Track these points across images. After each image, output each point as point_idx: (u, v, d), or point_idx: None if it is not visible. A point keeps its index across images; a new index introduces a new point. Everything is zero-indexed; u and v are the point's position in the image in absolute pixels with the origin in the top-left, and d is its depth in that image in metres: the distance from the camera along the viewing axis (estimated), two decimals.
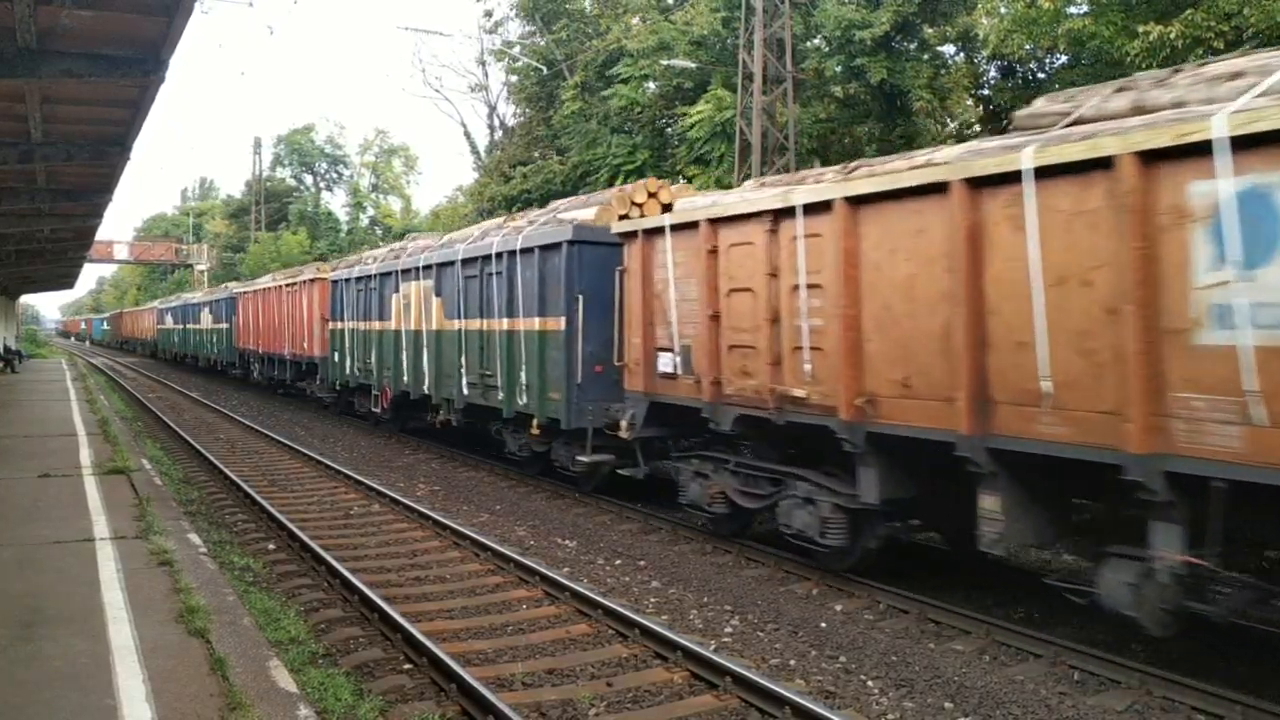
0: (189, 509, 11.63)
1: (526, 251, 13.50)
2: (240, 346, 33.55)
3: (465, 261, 15.42)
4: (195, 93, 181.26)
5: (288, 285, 27.08)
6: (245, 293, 33.41)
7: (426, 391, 16.94)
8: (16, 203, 17.78)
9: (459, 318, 15.56)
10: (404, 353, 17.82)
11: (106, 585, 7.28)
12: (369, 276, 20.07)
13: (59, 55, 9.63)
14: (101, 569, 7.74)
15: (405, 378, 17.88)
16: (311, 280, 24.69)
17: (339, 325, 21.95)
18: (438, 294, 16.47)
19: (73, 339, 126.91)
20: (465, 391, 15.30)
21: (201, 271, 69.50)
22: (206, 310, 40.69)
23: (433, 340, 16.62)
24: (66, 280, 55.62)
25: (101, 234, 34.82)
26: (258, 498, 12.70)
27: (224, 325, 36.60)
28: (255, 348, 31.26)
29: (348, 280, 21.46)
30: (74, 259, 37.96)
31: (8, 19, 8.69)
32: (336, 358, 22.13)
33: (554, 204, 16.10)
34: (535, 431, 13.35)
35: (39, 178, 16.46)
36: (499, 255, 14.29)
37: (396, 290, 18.34)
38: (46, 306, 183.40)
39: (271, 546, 10.59)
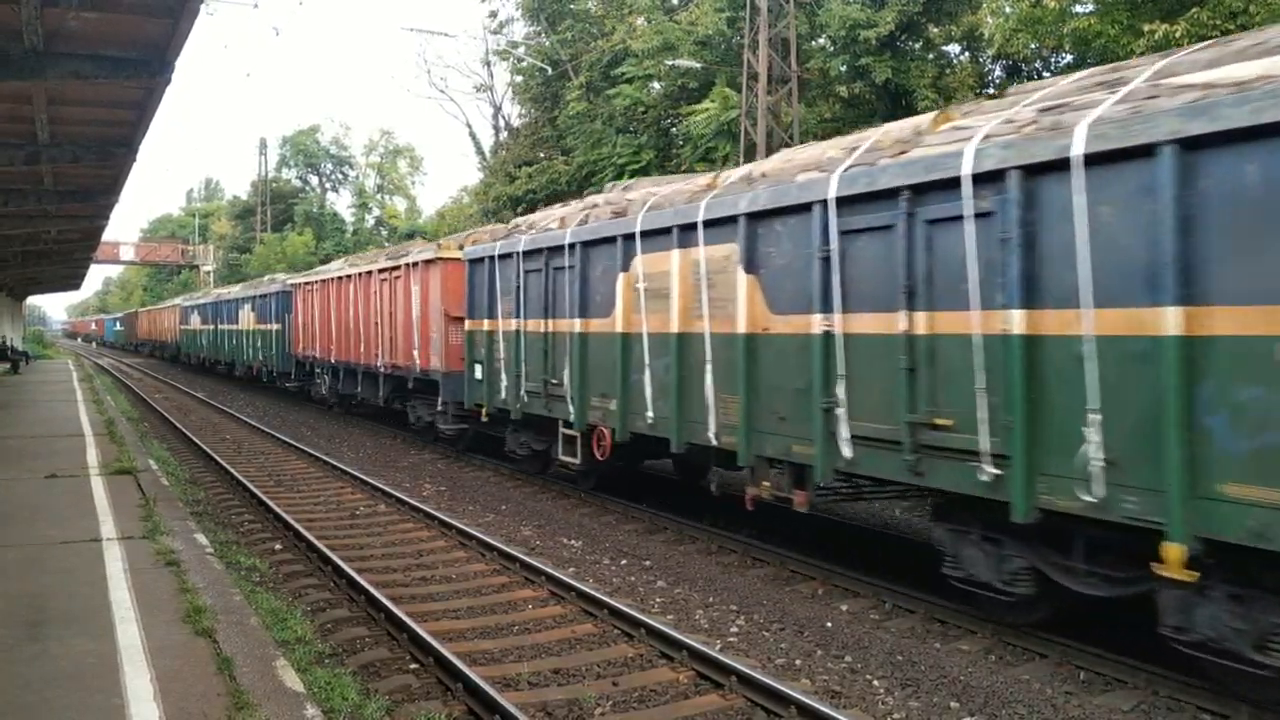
0: (195, 509, 11.66)
1: (1119, 157, 6.09)
2: (299, 353, 26.82)
3: (846, 202, 8.15)
4: (201, 94, 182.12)
5: (382, 271, 20.06)
6: (307, 284, 26.13)
7: (714, 441, 9.82)
8: (23, 204, 17.86)
9: (823, 309, 8.34)
10: (645, 371, 10.89)
11: (113, 585, 7.29)
12: (555, 249, 12.77)
13: (65, 57, 9.68)
14: (108, 569, 7.75)
15: (650, 414, 10.81)
16: (428, 262, 17.78)
17: (484, 326, 14.86)
18: (749, 268, 9.28)
19: (79, 340, 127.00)
20: (847, 451, 8.15)
21: (207, 272, 69.70)
22: (248, 307, 33.21)
23: (733, 352, 9.47)
24: (73, 281, 55.88)
25: (107, 235, 34.92)
26: (264, 498, 12.72)
27: (273, 326, 29.58)
28: (323, 355, 24.34)
29: (505, 257, 14.18)
30: (80, 260, 38.12)
31: (14, 21, 8.74)
32: (479, 374, 15.04)
33: (1165, 58, 7.01)
34: (1182, 573, 5.80)
35: (45, 179, 16.52)
36: (982, 178, 6.94)
37: (624, 267, 11.30)
38: (53, 308, 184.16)
39: (278, 547, 10.61)
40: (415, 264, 18.36)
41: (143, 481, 12.03)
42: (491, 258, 14.62)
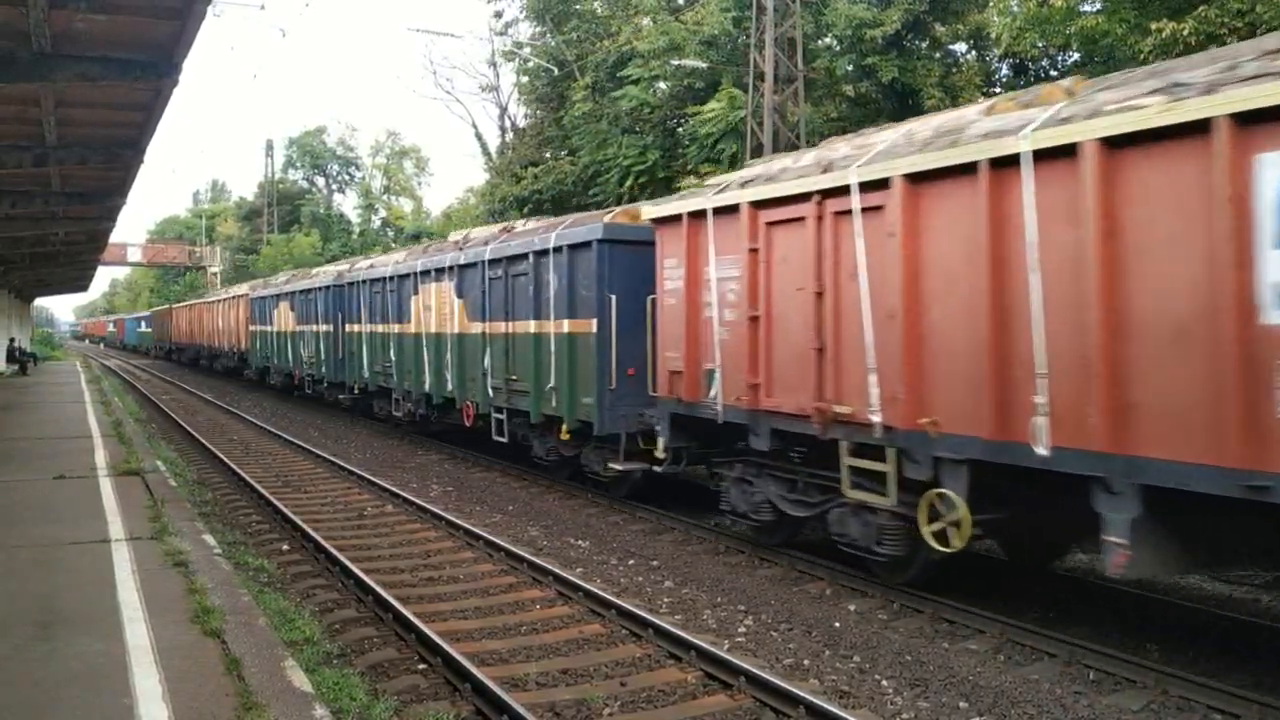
0: (203, 510, 11.67)
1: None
2: (696, 400, 10.19)
3: None
4: (207, 95, 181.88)
5: None
6: (789, 203, 8.77)
7: None
8: (31, 206, 17.91)
9: None
10: None
11: (122, 586, 7.30)
12: None
13: (73, 59, 9.69)
14: (117, 570, 7.77)
15: None
16: None
17: None
18: None
19: (87, 341, 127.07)
20: None
21: (214, 274, 69.85)
22: (441, 288, 17.12)
23: None
24: (80, 283, 56.07)
25: (114, 236, 34.93)
26: (271, 499, 12.74)
27: (560, 327, 13.02)
28: (971, 431, 7.09)
29: None
30: (87, 262, 38.24)
31: (22, 23, 8.76)
32: None
33: None
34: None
35: (53, 181, 16.56)
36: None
37: None
38: (60, 309, 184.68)
39: (285, 547, 10.63)
40: None
41: (150, 482, 12.06)
42: None
